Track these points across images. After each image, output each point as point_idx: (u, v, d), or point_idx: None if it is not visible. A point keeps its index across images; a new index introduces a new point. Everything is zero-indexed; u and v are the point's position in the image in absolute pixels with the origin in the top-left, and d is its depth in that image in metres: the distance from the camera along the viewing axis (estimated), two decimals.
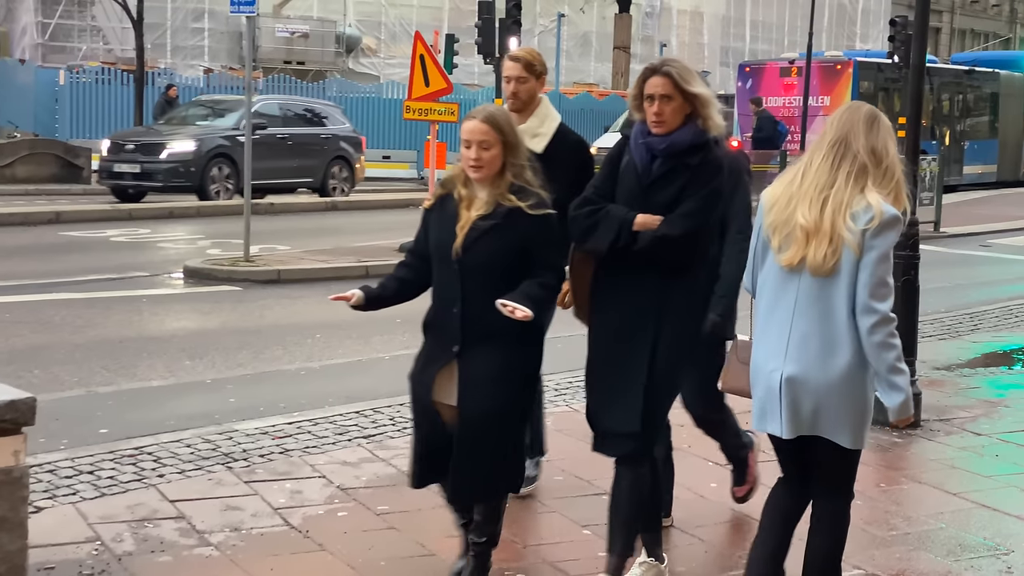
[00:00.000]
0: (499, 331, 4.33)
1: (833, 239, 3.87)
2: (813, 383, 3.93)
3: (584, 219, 4.59)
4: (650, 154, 4.55)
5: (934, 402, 8.02)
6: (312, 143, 22.86)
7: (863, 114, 4.03)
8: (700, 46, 48.34)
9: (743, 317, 4.72)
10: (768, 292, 4.07)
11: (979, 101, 33.63)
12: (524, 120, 5.47)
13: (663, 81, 4.49)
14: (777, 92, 27.98)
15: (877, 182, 3.92)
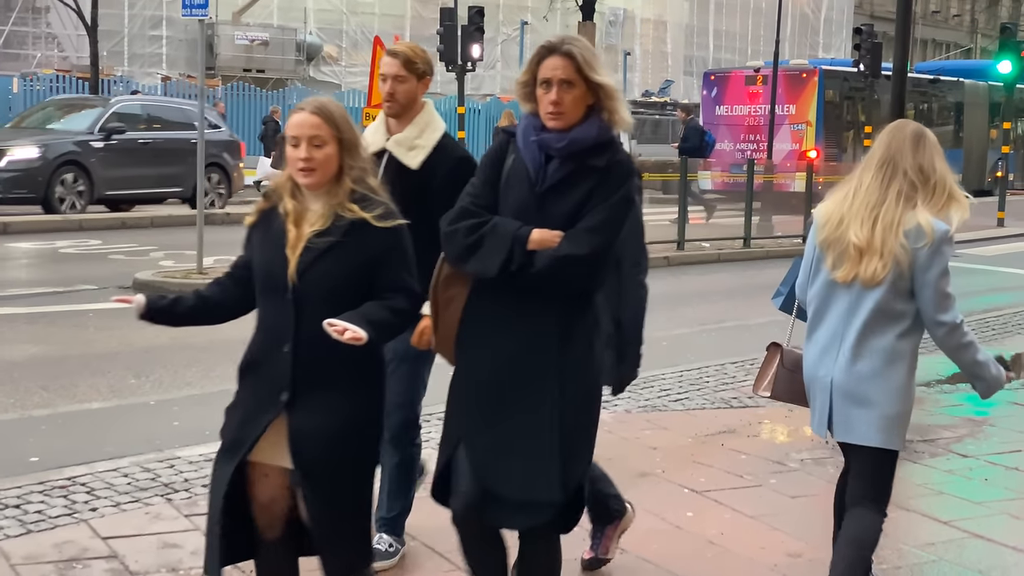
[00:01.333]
0: (341, 374, 3.57)
1: (884, 255, 4.03)
2: (864, 389, 4.11)
3: (465, 235, 3.70)
4: (544, 154, 3.73)
5: (917, 421, 7.59)
6: (180, 149, 19.74)
7: (909, 133, 4.16)
8: (664, 55, 48.20)
9: (781, 326, 4.65)
10: (819, 303, 4.22)
11: (944, 110, 33.58)
12: (401, 128, 4.74)
13: (563, 63, 3.69)
14: (742, 100, 27.76)
15: (926, 200, 4.06)
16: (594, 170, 3.71)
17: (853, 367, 4.11)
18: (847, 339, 4.12)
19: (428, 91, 4.91)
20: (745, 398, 8.32)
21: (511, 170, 3.80)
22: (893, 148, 4.14)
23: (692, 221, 18.50)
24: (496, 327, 3.75)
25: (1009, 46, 24.82)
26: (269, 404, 3.61)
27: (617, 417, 7.69)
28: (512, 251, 3.63)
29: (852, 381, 4.11)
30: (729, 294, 14.62)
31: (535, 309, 3.71)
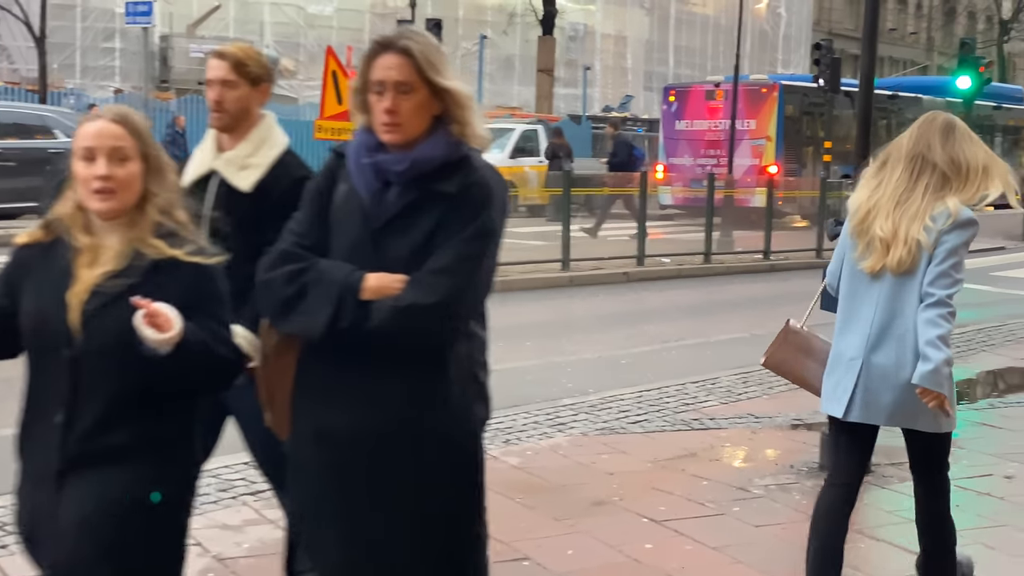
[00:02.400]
0: (129, 449, 2.85)
1: (908, 242, 4.07)
2: (892, 373, 4.14)
3: (283, 285, 2.99)
4: (381, 179, 3.03)
5: (884, 443, 7.27)
6: (35, 160, 18.01)
7: (939, 126, 4.19)
8: (624, 70, 48.10)
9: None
10: (851, 288, 4.28)
11: (902, 127, 33.02)
12: (233, 145, 4.03)
13: (399, 62, 2.98)
14: (702, 115, 27.58)
15: (959, 190, 4.10)
16: (443, 197, 3.00)
17: (887, 351, 4.15)
18: (878, 325, 4.17)
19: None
20: (707, 419, 8.02)
21: (342, 200, 3.07)
22: (922, 142, 4.18)
23: (652, 236, 18.23)
24: (332, 400, 3.03)
25: (968, 62, 24.82)
26: (40, 483, 2.91)
27: (573, 440, 7.36)
28: (342, 303, 2.92)
29: (883, 363, 4.16)
30: (690, 311, 14.34)
31: (379, 374, 2.99)
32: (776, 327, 5.24)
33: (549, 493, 6.28)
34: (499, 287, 12.66)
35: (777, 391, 9.01)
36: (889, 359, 4.16)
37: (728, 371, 9.65)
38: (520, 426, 7.62)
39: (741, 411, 8.31)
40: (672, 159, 27.94)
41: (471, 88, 3.14)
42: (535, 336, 11.75)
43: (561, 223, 16.59)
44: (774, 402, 8.65)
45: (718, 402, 8.58)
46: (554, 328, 12.54)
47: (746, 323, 12.98)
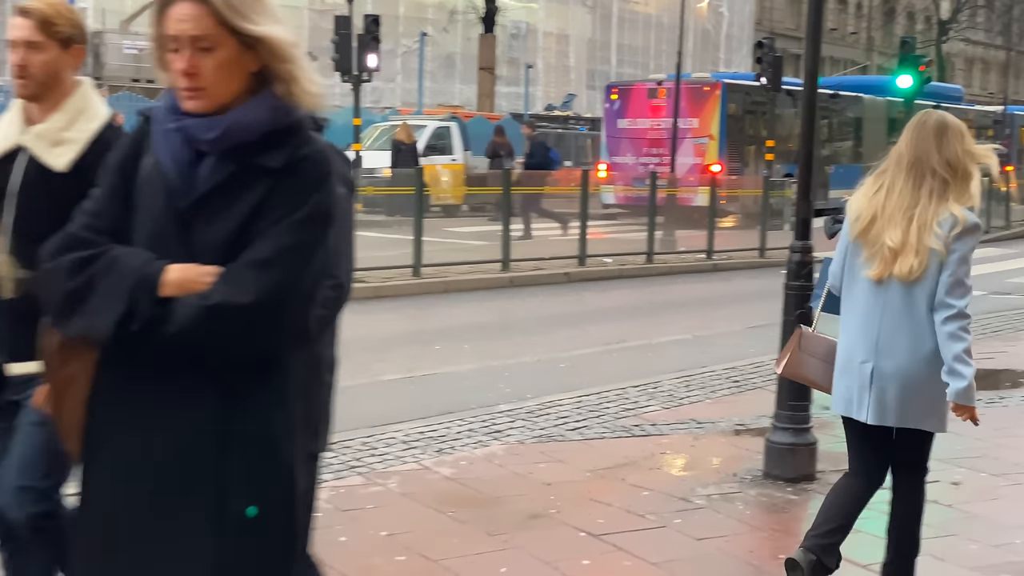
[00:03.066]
0: None
1: (919, 252, 4.15)
2: (902, 375, 4.25)
3: (66, 275, 2.47)
4: (191, 149, 2.51)
5: (829, 448, 7.16)
6: None
7: (932, 129, 4.25)
8: (566, 68, 47.96)
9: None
10: (857, 292, 4.36)
11: (843, 125, 33.63)
12: (44, 116, 3.52)
13: (195, 12, 2.44)
14: (645, 114, 27.40)
15: (958, 193, 4.20)
16: (267, 173, 2.46)
17: (896, 353, 4.25)
18: (887, 328, 4.27)
19: (326, 103, 3.76)
20: (648, 425, 7.77)
21: (147, 174, 2.51)
22: (919, 149, 4.25)
23: (594, 236, 18.01)
24: (130, 419, 2.48)
25: (909, 60, 24.85)
26: None
27: (510, 449, 7.09)
28: (135, 300, 2.39)
29: (894, 367, 4.25)
30: (632, 312, 14.12)
31: (184, 387, 2.45)
32: (719, 327, 5.04)
33: (483, 506, 6.00)
34: (438, 288, 12.44)
35: (720, 395, 8.80)
36: (899, 363, 4.27)
37: (670, 374, 9.42)
38: (454, 434, 7.34)
39: (683, 416, 8.08)
40: (615, 158, 27.75)
41: (288, 33, 2.52)
42: (473, 339, 11.48)
43: (501, 223, 16.29)
44: (717, 406, 8.43)
45: (660, 407, 8.34)
46: (493, 330, 12.27)
47: (689, 324, 12.79)
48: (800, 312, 6.61)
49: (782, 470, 6.57)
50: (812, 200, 6.92)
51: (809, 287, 6.67)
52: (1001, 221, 27.65)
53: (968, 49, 71.59)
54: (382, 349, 10.73)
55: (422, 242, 15.08)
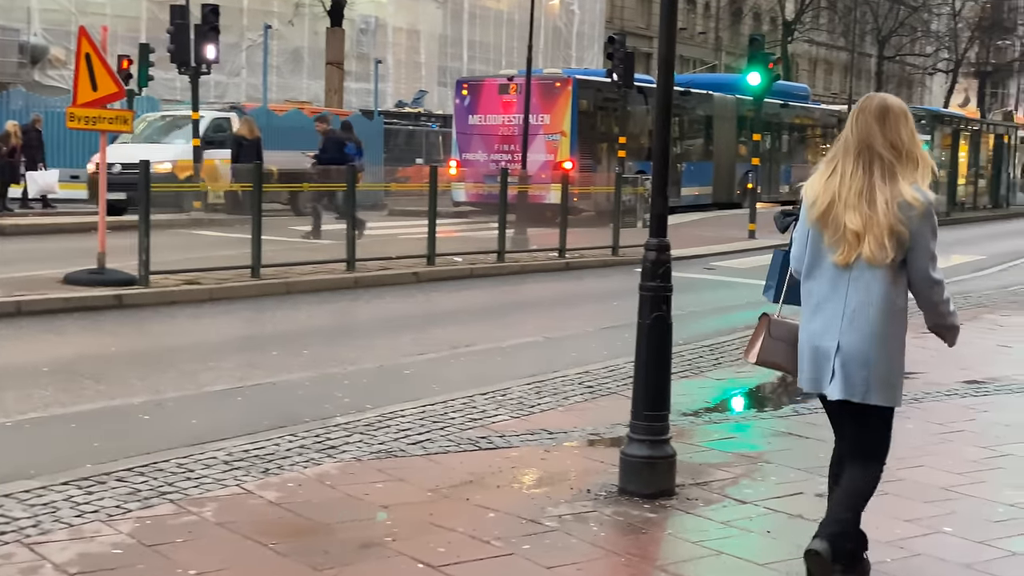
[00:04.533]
0: None
1: (888, 235, 4.31)
2: (869, 353, 4.42)
3: None
4: None
5: (687, 458, 6.73)
6: None
7: (874, 112, 4.39)
8: (417, 64, 47.22)
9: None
10: (819, 274, 4.51)
11: (695, 123, 33.72)
12: None
13: None
14: (496, 110, 26.92)
15: (905, 173, 4.35)
16: None
17: (859, 333, 4.41)
18: (854, 309, 4.42)
19: (165, 98, 3.14)
20: (495, 437, 7.22)
21: None
22: (863, 133, 4.39)
23: (444, 234, 17.43)
24: None
25: (758, 58, 24.86)
26: None
27: (344, 467, 6.45)
28: None
29: (858, 345, 4.42)
30: (482, 313, 13.58)
31: None
32: (571, 329, 4.57)
33: (310, 535, 5.35)
34: (278, 290, 11.60)
35: (572, 401, 8.31)
36: (862, 340, 4.42)
37: (520, 380, 8.90)
38: (284, 452, 6.66)
39: (534, 426, 7.56)
40: (466, 155, 27.21)
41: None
42: (313, 343, 10.79)
43: (346, 221, 15.55)
44: (569, 414, 7.94)
45: (509, 416, 7.80)
46: (335, 334, 11.58)
47: (540, 325, 12.31)
48: (656, 315, 6.15)
49: (639, 485, 6.09)
50: (667, 196, 6.43)
51: (665, 288, 6.21)
52: None
53: (812, 50, 73.20)
54: (213, 356, 9.97)
55: (261, 241, 14.28)
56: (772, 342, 4.81)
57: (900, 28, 68.75)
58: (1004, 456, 7.16)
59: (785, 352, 4.76)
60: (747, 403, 8.75)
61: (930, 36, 73.65)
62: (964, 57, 74.10)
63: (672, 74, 6.37)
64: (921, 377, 9.37)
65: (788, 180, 38.27)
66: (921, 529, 5.68)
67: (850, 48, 59.25)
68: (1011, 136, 46.31)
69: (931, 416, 8.15)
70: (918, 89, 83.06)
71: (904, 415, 8.20)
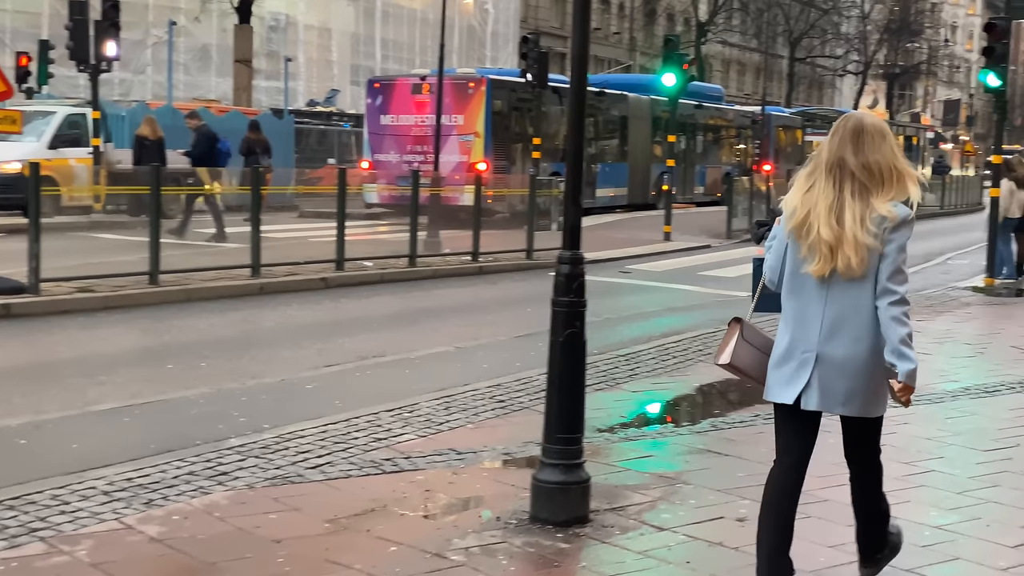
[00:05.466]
0: None
1: (858, 250, 4.31)
2: (849, 365, 4.41)
3: None
4: None
5: (603, 480, 6.39)
6: None
7: (849, 132, 4.40)
8: (329, 63, 46.48)
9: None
10: (797, 286, 4.49)
11: (609, 124, 33.52)
12: None
13: None
14: (409, 110, 26.43)
15: (878, 193, 4.35)
16: None
17: (838, 344, 4.41)
18: (831, 320, 4.42)
19: (68, 96, 2.64)
20: (401, 458, 6.82)
21: None
22: (837, 150, 4.40)
23: (354, 237, 16.95)
24: None
25: (672, 59, 24.71)
26: None
27: (236, 497, 6.00)
28: None
29: (837, 356, 4.41)
30: (393, 320, 13.14)
31: None
32: (484, 337, 4.22)
33: None
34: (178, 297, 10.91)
35: (483, 418, 7.94)
36: (842, 352, 4.42)
37: (429, 395, 8.51)
38: (170, 479, 6.19)
39: (442, 445, 7.16)
40: (378, 155, 26.68)
41: None
42: (213, 355, 10.27)
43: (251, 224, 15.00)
44: (479, 432, 7.56)
45: (415, 435, 7.40)
46: (236, 345, 11.06)
47: (452, 334, 11.91)
48: (570, 332, 5.79)
49: (551, 512, 5.73)
50: (581, 204, 6.06)
51: (579, 303, 5.85)
52: (762, 220, 27.95)
53: (726, 51, 73.66)
54: (103, 370, 9.41)
55: (160, 245, 13.68)
56: (744, 346, 4.73)
57: (811, 30, 69.48)
58: (927, 473, 6.93)
59: (754, 358, 4.72)
60: (664, 417, 8.43)
61: (840, 38, 74.54)
62: (873, 59, 75.16)
63: (586, 73, 6.01)
64: None
65: (703, 181, 38.29)
66: (847, 556, 5.38)
67: (762, 50, 59.68)
68: (920, 137, 46.96)
69: None
70: (828, 91, 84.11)
71: (825, 428, 7.95)
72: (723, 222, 26.51)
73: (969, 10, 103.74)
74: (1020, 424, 8.26)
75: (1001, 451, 7.50)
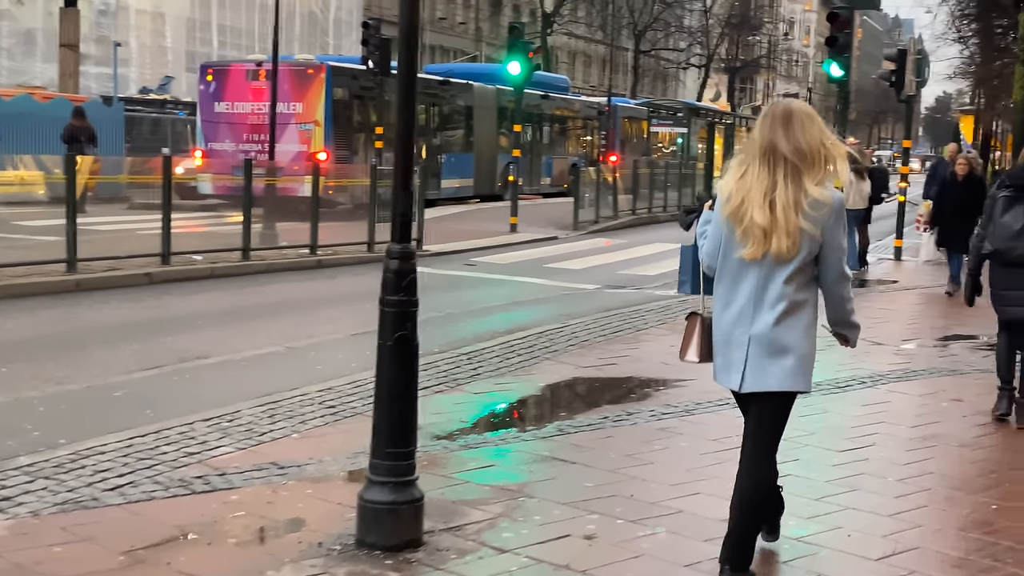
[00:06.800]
0: None
1: (791, 233, 4.44)
2: (778, 343, 4.53)
3: None
4: None
5: (439, 495, 5.83)
6: None
7: (779, 118, 4.51)
8: (163, 49, 44.76)
9: None
10: (730, 269, 4.61)
11: (455, 113, 32.94)
12: None
13: None
14: (244, 97, 25.35)
15: (811, 175, 4.46)
16: None
17: (770, 324, 4.51)
18: (764, 302, 4.52)
19: None
20: (214, 475, 6.12)
21: None
22: (768, 136, 4.49)
23: (182, 229, 16.00)
24: None
25: (518, 47, 24.26)
26: None
27: (17, 526, 5.24)
28: None
29: (769, 336, 4.52)
30: (221, 318, 12.31)
31: None
32: (319, 335, 3.58)
33: None
34: None
35: (311, 426, 7.28)
36: (772, 332, 4.52)
37: (253, 401, 7.80)
38: None
39: (263, 458, 6.48)
40: (212, 144, 25.54)
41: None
42: (15, 359, 9.34)
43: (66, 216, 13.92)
44: (306, 442, 6.90)
45: (233, 447, 6.70)
46: (44, 347, 10.10)
47: (285, 332, 11.16)
48: (400, 335, 5.17)
49: (380, 536, 5.12)
50: (412, 191, 5.43)
51: (410, 302, 5.23)
52: (608, 211, 27.77)
53: (571, 43, 73.80)
54: None
55: None
56: (708, 341, 4.79)
57: (655, 23, 70.09)
58: (783, 477, 6.51)
59: None
60: (508, 422, 7.88)
61: (683, 32, 75.43)
62: (715, 53, 76.30)
63: (415, 49, 5.38)
64: (691, 385, 8.74)
65: (550, 172, 38.02)
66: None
67: (608, 42, 59.88)
68: None
69: (705, 431, 7.48)
70: (672, 83, 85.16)
71: (677, 431, 7.54)
72: (570, 213, 26.19)
73: (806, 6, 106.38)
74: (873, 421, 7.98)
75: (857, 451, 7.18)
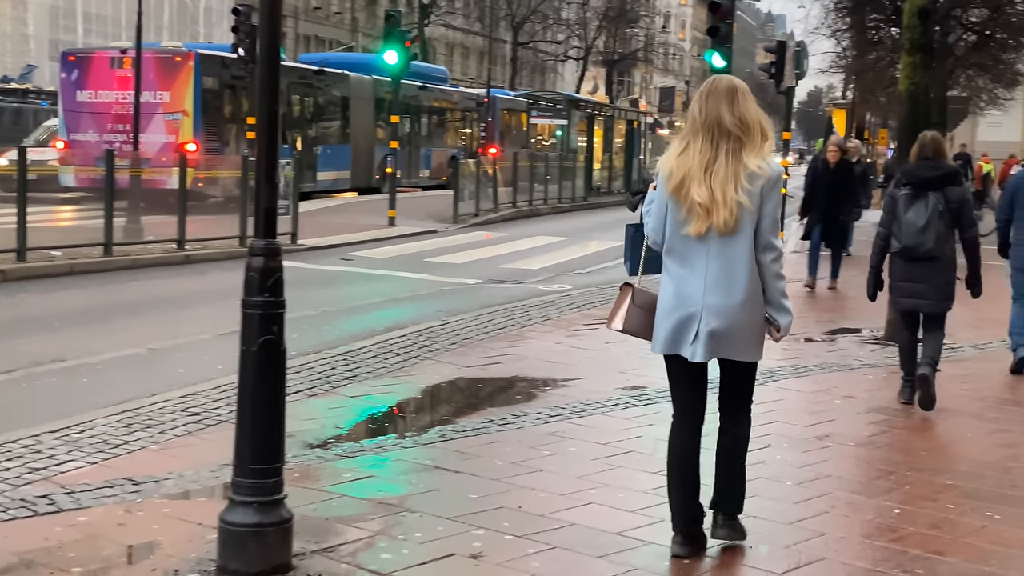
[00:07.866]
0: None
1: (728, 205, 4.62)
2: (729, 314, 4.72)
3: None
4: None
5: (311, 511, 5.36)
6: None
7: (723, 91, 4.73)
8: (25, 37, 43.15)
9: None
10: (678, 244, 4.77)
11: (330, 104, 32.21)
12: None
13: None
14: (109, 86, 24.33)
15: (752, 148, 4.67)
16: None
17: (722, 297, 4.69)
18: (712, 275, 4.69)
19: None
20: (60, 493, 5.57)
21: None
22: (712, 111, 4.68)
23: (40, 224, 15.14)
24: None
25: (395, 36, 23.72)
26: None
27: None
28: None
29: (722, 309, 4.69)
30: (80, 318, 11.59)
31: None
32: (186, 335, 3.11)
33: None
34: None
35: (171, 436, 6.73)
36: (724, 302, 4.69)
37: (108, 409, 7.22)
38: None
39: (116, 474, 5.92)
40: (75, 134, 24.46)
41: None
42: None
43: None
44: (165, 455, 6.34)
45: (84, 461, 6.12)
46: None
47: (148, 333, 10.51)
48: (265, 339, 4.68)
49: (243, 563, 4.62)
50: (276, 184, 4.93)
51: (276, 303, 4.74)
52: (489, 204, 27.41)
53: (450, 34, 73.24)
54: None
55: None
56: (635, 310, 4.97)
57: (533, 15, 69.88)
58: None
59: (643, 320, 4.95)
60: (387, 427, 7.41)
61: (561, 24, 75.41)
62: (593, 45, 76.45)
63: (277, 30, 4.89)
64: (578, 384, 8.38)
65: (429, 165, 37.51)
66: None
67: (486, 34, 59.52)
68: (640, 122, 47.78)
69: (594, 434, 7.11)
70: (551, 75, 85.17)
71: (565, 434, 7.15)
72: (450, 206, 25.76)
73: (682, 1, 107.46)
74: (767, 420, 7.68)
75: (752, 453, 6.83)
